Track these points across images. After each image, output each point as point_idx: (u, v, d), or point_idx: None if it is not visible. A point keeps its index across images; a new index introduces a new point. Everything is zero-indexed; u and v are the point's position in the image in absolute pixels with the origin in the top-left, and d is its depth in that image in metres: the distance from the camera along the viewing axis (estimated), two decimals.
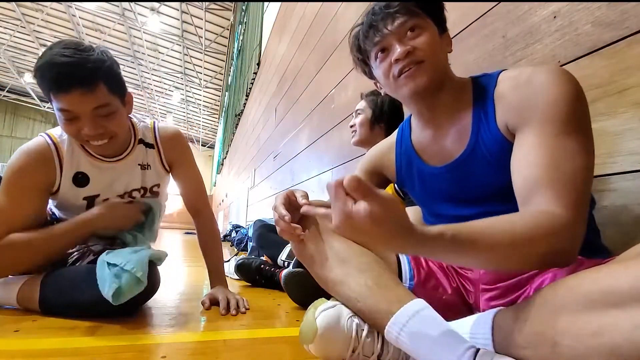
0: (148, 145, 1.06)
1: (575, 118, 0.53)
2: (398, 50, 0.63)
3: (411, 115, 0.78)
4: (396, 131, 0.83)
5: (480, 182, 0.65)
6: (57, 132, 0.95)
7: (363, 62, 0.72)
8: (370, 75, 0.74)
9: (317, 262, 0.65)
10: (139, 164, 1.04)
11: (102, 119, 0.85)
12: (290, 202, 0.64)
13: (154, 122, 1.11)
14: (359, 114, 1.33)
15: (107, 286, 0.79)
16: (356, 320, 0.58)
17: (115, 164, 1.00)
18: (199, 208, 1.17)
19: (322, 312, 0.59)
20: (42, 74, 0.80)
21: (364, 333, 0.57)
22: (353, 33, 0.71)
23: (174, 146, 1.10)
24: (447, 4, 0.70)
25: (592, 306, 0.39)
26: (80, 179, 0.96)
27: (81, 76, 0.79)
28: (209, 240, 1.17)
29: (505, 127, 0.60)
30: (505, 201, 0.60)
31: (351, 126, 1.35)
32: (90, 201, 1.00)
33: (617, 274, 0.38)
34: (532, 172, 0.52)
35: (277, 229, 0.64)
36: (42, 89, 0.83)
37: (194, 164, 1.17)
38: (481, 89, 0.65)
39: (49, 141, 0.93)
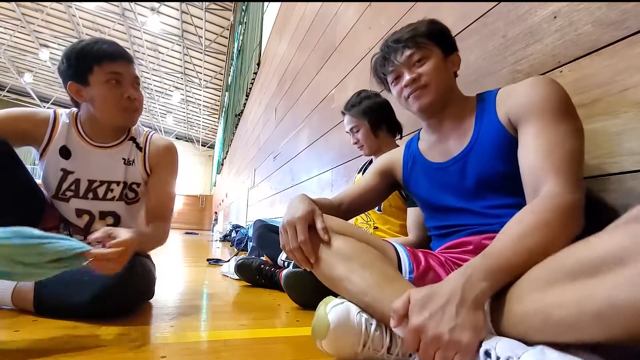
0: (137, 146, 1.13)
1: (566, 108, 0.63)
2: (407, 77, 0.77)
3: (421, 129, 0.90)
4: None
5: (481, 172, 0.72)
6: (63, 111, 1.09)
7: (382, 83, 0.88)
8: (390, 91, 0.87)
9: (320, 261, 0.68)
10: (123, 158, 1.10)
11: (138, 88, 1.06)
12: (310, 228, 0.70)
13: (150, 132, 1.19)
14: (355, 130, 1.32)
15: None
16: (364, 315, 0.61)
17: (101, 151, 1.08)
18: (157, 218, 1.10)
19: (332, 307, 0.61)
20: (90, 50, 0.98)
21: (373, 327, 0.59)
22: (373, 60, 0.86)
23: (161, 155, 1.15)
24: (447, 4, 0.70)
25: (574, 277, 0.43)
26: (65, 152, 1.06)
27: (125, 52, 1.04)
28: (152, 229, 1.07)
29: (507, 119, 0.69)
30: (506, 193, 0.69)
31: (355, 143, 1.34)
32: (64, 175, 1.06)
33: (591, 245, 0.43)
34: (537, 157, 0.61)
35: (287, 248, 0.71)
36: (86, 63, 0.97)
37: (172, 181, 1.16)
38: (484, 98, 0.76)
39: (52, 112, 1.08)
